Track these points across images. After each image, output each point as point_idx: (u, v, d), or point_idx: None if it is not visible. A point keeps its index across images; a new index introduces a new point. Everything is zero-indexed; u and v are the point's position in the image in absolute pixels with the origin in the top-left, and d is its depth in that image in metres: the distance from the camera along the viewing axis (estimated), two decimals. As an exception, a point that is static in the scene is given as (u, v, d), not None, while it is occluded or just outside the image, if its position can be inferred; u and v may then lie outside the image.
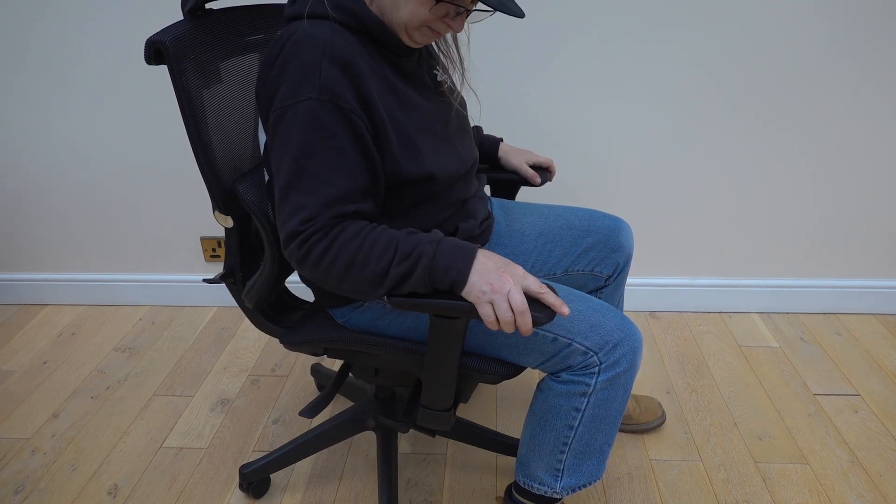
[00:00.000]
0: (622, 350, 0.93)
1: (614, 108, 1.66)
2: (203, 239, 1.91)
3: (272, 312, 1.14)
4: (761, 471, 1.34)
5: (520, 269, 0.83)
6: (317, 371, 1.58)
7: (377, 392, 1.27)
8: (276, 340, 1.82)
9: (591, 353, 0.92)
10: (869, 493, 1.29)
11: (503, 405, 1.55)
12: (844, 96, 1.61)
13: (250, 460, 1.35)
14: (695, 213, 1.78)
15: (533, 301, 0.82)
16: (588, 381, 0.93)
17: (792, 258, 1.83)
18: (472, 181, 1.06)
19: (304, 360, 1.74)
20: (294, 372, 1.69)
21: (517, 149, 1.31)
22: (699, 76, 1.60)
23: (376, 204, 0.88)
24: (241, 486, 1.30)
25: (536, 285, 0.82)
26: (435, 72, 1.02)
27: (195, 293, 1.99)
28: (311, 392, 1.61)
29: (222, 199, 0.98)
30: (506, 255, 1.19)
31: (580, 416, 0.96)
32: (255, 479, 1.28)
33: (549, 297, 0.82)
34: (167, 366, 1.72)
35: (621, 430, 1.45)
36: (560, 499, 1.04)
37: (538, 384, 1.01)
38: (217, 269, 1.95)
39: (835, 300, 1.86)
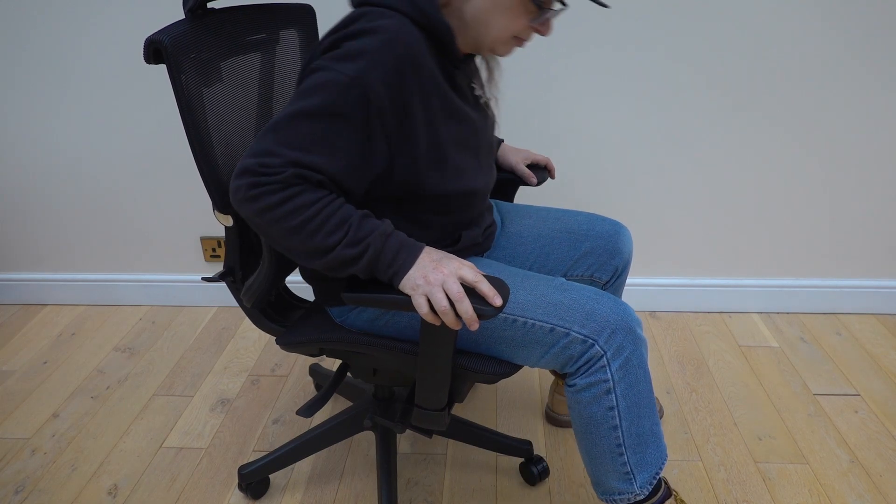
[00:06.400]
0: (622, 333, 0.92)
1: (614, 109, 1.66)
2: (203, 239, 1.91)
3: (272, 311, 1.13)
4: (761, 471, 1.34)
5: (456, 262, 0.84)
6: (315, 371, 1.58)
7: (376, 392, 1.27)
8: (276, 340, 1.82)
9: (591, 340, 0.91)
10: (869, 493, 1.29)
11: (503, 405, 1.55)
12: (844, 96, 1.61)
13: (250, 461, 1.35)
14: (695, 213, 1.78)
15: (474, 294, 0.82)
16: (604, 375, 0.92)
17: (792, 258, 1.83)
18: (487, 197, 1.06)
19: (304, 360, 1.73)
20: (294, 372, 1.69)
21: (514, 148, 1.31)
22: (699, 77, 1.60)
23: (348, 197, 0.87)
24: (241, 487, 1.29)
25: (472, 275, 0.82)
26: (472, 85, 1.01)
27: (195, 293, 1.99)
28: (310, 392, 1.61)
29: (221, 199, 0.98)
30: (502, 258, 1.18)
31: (617, 414, 0.95)
32: (254, 479, 1.28)
33: (483, 286, 0.82)
34: (167, 366, 1.72)
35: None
36: (646, 497, 1.01)
37: (567, 402, 1.00)
38: (217, 268, 1.95)
39: (835, 300, 1.86)
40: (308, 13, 1.17)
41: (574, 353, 0.93)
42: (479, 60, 1.07)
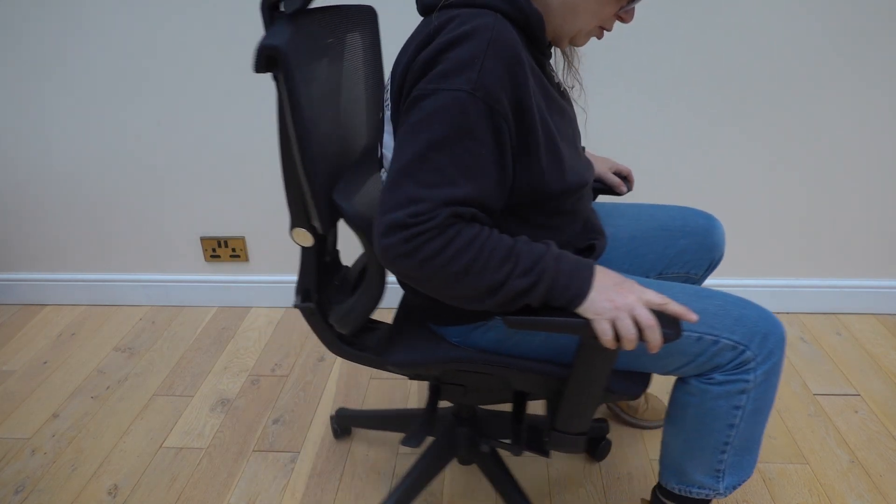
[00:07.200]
0: (773, 340, 0.89)
1: (613, 106, 1.65)
2: (203, 239, 1.91)
3: (347, 335, 1.06)
4: (761, 471, 1.34)
5: (636, 283, 0.80)
6: (342, 416, 1.44)
7: (460, 411, 1.20)
8: (277, 340, 1.82)
9: (742, 346, 0.88)
10: (869, 493, 1.29)
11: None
12: (844, 97, 1.60)
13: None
14: (695, 213, 1.78)
15: (657, 314, 0.78)
16: (746, 377, 0.89)
17: (792, 258, 1.83)
18: (591, 192, 1.02)
19: (304, 361, 1.73)
20: (294, 372, 1.69)
21: (599, 156, 1.27)
22: (700, 76, 1.60)
23: (491, 218, 0.81)
24: None
25: (658, 297, 0.78)
26: (552, 73, 0.96)
27: (195, 293, 1.99)
28: (310, 392, 1.61)
29: (319, 216, 0.90)
30: (599, 262, 1.13)
31: (741, 414, 0.92)
32: None
33: (673, 307, 0.77)
34: (167, 366, 1.72)
35: (622, 424, 1.45)
36: (712, 499, 1.00)
37: (680, 387, 0.96)
38: (217, 268, 1.95)
39: (835, 300, 1.86)
40: (370, 15, 1.09)
41: (724, 360, 0.89)
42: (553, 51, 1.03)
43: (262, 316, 1.94)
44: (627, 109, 1.65)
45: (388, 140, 0.86)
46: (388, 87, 0.86)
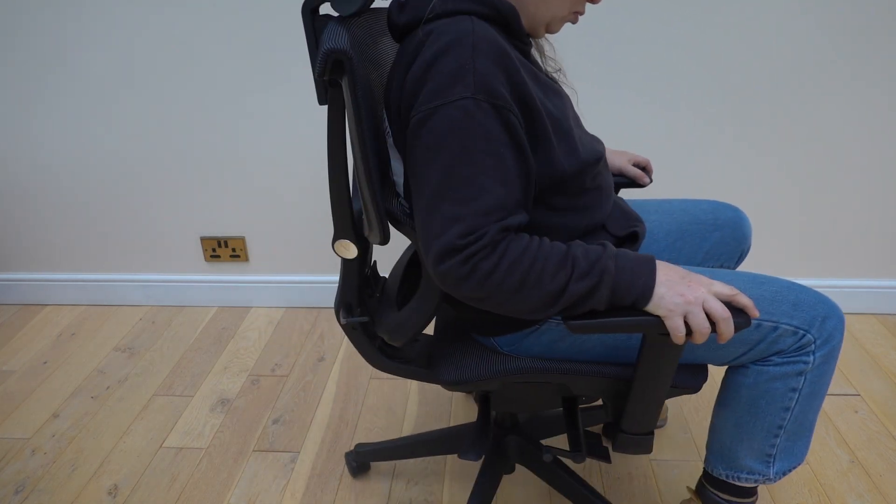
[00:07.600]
0: (833, 322, 0.88)
1: (614, 105, 1.65)
2: (203, 239, 1.91)
3: (385, 346, 1.02)
4: (761, 471, 1.34)
5: (703, 276, 0.79)
6: (359, 451, 1.33)
7: (501, 420, 1.18)
8: (277, 340, 1.82)
9: (802, 331, 0.87)
10: (869, 493, 1.29)
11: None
12: (845, 96, 1.60)
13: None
14: (695, 213, 1.78)
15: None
16: (806, 359, 0.89)
17: (792, 258, 1.83)
18: (608, 165, 1.00)
19: (304, 361, 1.73)
20: (294, 372, 1.69)
21: (616, 150, 1.25)
22: (700, 76, 1.60)
23: (528, 214, 0.81)
24: None
25: (727, 288, 0.77)
26: (536, 61, 0.97)
27: (195, 293, 1.99)
28: (310, 392, 1.61)
29: (384, 222, 0.86)
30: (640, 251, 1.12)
31: (797, 396, 0.91)
32: None
33: (743, 299, 0.77)
34: (167, 366, 1.73)
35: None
36: (759, 485, 0.99)
37: (735, 368, 0.95)
38: (217, 268, 1.95)
39: (835, 300, 1.86)
40: None
41: (784, 345, 0.88)
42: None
43: (262, 316, 1.95)
44: (626, 109, 1.65)
45: (397, 166, 0.86)
46: (384, 114, 0.85)
